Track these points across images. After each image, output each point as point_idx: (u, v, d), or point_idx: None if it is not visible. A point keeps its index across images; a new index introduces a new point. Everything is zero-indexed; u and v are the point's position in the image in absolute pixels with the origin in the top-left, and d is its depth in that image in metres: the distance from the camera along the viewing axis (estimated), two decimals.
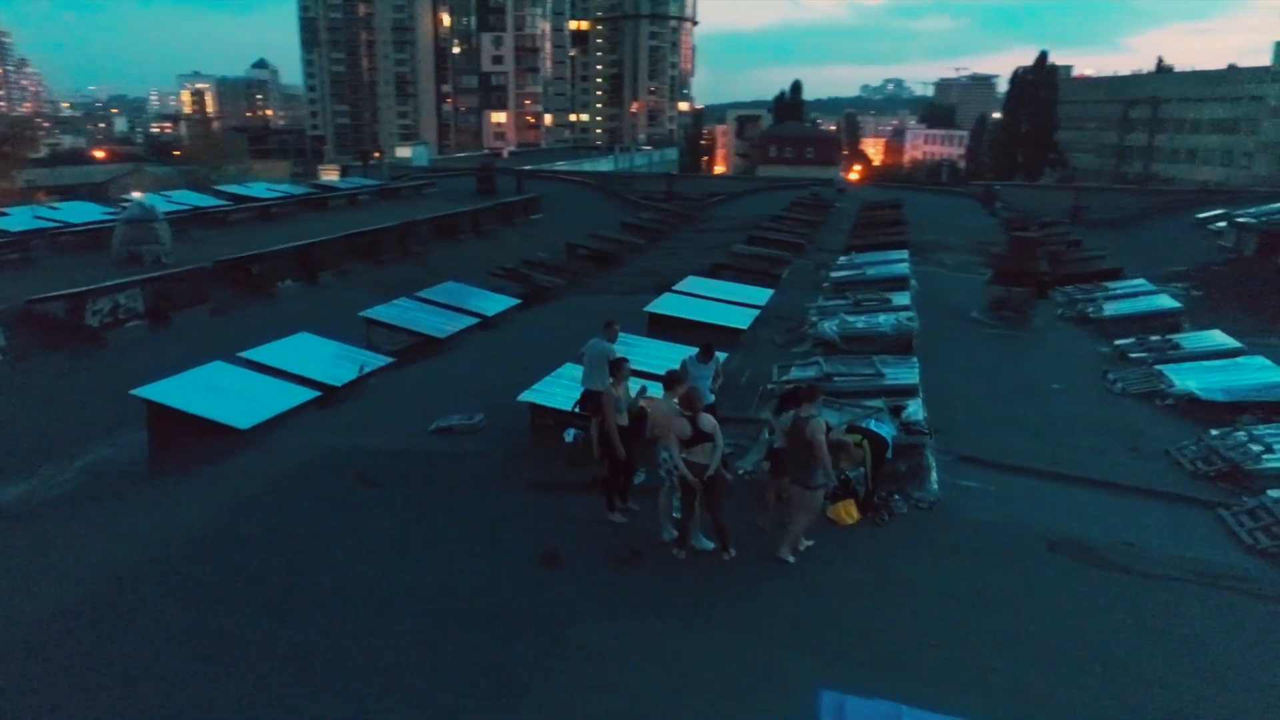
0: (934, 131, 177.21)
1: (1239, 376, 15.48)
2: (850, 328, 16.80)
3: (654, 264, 28.85)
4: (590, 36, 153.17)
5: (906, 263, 23.94)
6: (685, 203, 46.63)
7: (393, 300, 20.75)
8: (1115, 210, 49.14)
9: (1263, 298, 29.17)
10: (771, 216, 34.60)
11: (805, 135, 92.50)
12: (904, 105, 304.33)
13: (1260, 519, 10.72)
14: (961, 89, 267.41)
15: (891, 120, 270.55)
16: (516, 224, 41.24)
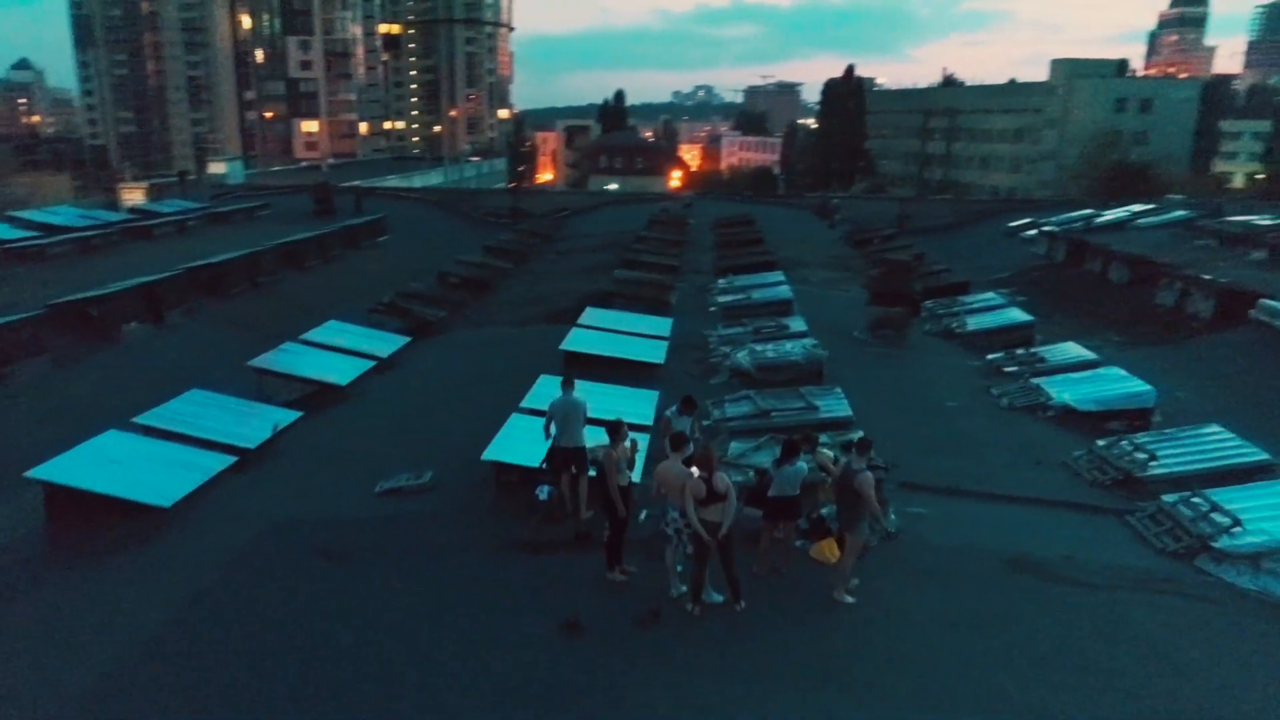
0: (749, 138, 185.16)
1: (1105, 387, 17.58)
2: (763, 358, 17.72)
3: (532, 290, 28.92)
4: (403, 41, 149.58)
5: (787, 285, 25.30)
6: (535, 220, 46.75)
7: (281, 345, 19.89)
8: (934, 218, 53.49)
9: (1078, 302, 32.88)
10: (635, 237, 35.41)
11: (635, 145, 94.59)
12: (716, 111, 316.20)
13: (1162, 523, 12.36)
14: (770, 96, 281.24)
15: (705, 126, 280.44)
16: (364, 248, 40.03)
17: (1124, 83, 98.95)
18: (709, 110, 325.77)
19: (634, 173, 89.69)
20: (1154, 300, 30.71)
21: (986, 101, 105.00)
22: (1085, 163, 79.39)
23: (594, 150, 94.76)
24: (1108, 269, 34.81)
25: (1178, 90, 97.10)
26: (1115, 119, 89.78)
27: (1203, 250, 37.55)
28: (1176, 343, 27.16)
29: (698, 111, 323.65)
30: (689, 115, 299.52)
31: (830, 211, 47.00)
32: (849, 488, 9.48)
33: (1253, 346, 24.50)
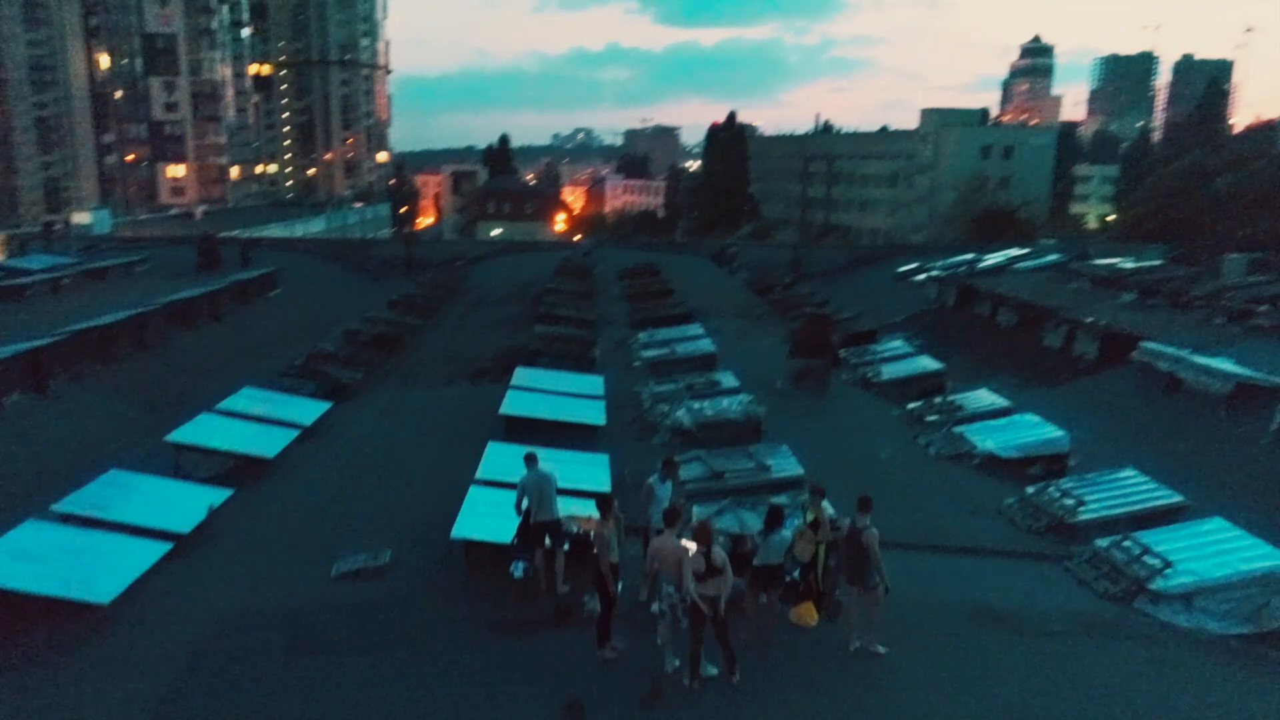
0: (633, 181, 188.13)
1: (1023, 433, 18.79)
2: (702, 416, 18.17)
3: (446, 346, 28.68)
4: (275, 82, 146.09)
5: (709, 339, 25.97)
6: (436, 270, 46.36)
7: (196, 417, 19.11)
8: (827, 263, 55.77)
9: (972, 345, 34.87)
10: (544, 289, 35.59)
11: (523, 190, 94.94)
12: (596, 153, 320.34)
13: (1099, 567, 13.31)
14: (649, 138, 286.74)
15: (586, 168, 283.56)
16: (256, 303, 38.81)
17: (987, 131, 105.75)
18: (589, 152, 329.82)
19: (522, 218, 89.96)
20: (1042, 342, 32.89)
21: (862, 147, 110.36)
22: (958, 206, 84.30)
23: (481, 195, 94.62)
24: (996, 313, 37.08)
25: (1036, 138, 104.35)
26: (981, 165, 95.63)
27: (1078, 293, 40.44)
28: (1066, 383, 29.19)
29: (578, 153, 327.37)
30: (570, 157, 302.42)
31: (729, 258, 48.36)
32: (858, 544, 9.99)
33: (1139, 387, 26.54)
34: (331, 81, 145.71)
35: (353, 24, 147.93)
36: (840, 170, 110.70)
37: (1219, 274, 44.47)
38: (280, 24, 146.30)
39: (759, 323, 33.91)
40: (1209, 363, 25.09)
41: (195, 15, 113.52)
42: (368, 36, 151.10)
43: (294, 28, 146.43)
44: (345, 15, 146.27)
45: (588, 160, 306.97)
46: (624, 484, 15.38)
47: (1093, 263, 47.16)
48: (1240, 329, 31.47)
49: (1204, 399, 24.14)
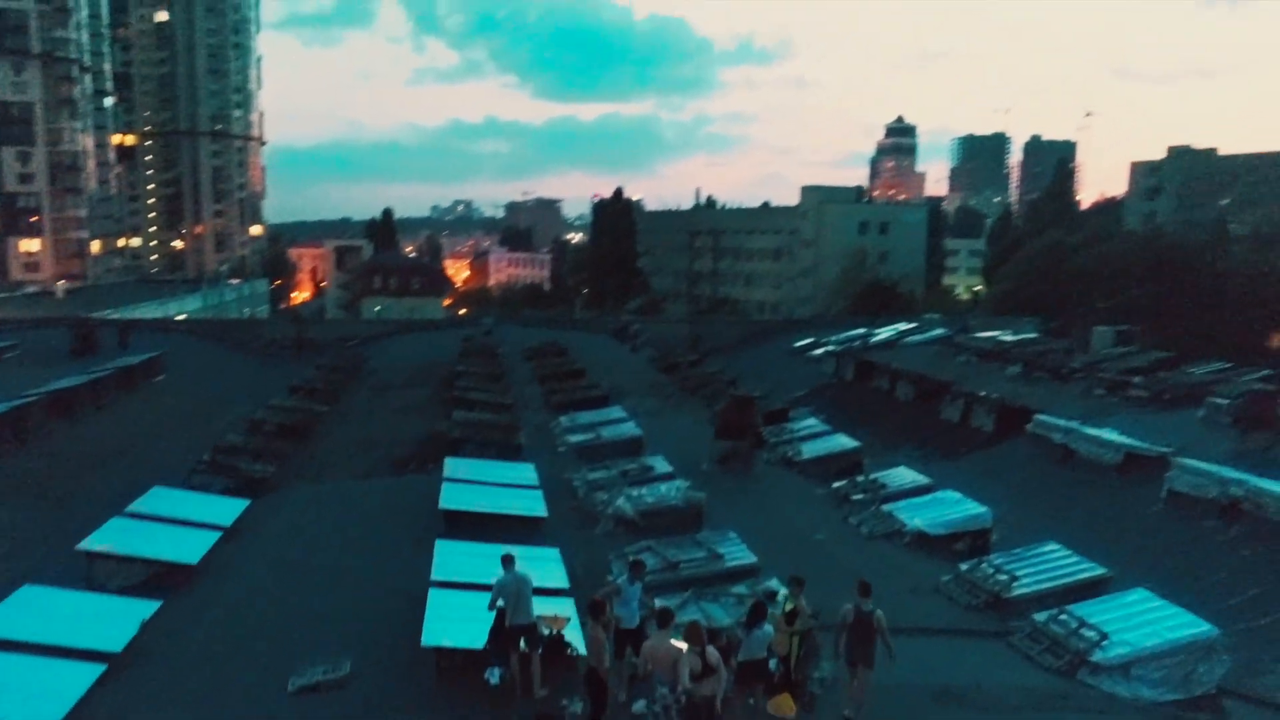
0: (517, 254, 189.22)
1: (948, 510, 19.85)
2: (643, 504, 18.49)
3: (359, 434, 28.14)
4: (139, 152, 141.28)
5: (632, 422, 26.39)
6: (336, 353, 45.39)
7: (108, 522, 18.17)
8: (723, 337, 57.40)
9: (873, 418, 36.42)
10: (453, 371, 35.41)
11: (410, 265, 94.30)
12: (477, 225, 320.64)
13: (1040, 641, 14.19)
14: (531, 211, 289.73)
15: (467, 240, 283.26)
16: (141, 391, 37.14)
17: (864, 208, 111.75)
18: (470, 224, 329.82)
19: (409, 293, 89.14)
20: (940, 415, 34.71)
21: (746, 223, 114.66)
22: (842, 281, 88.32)
23: (367, 271, 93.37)
24: (895, 387, 38.95)
25: (909, 214, 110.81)
26: (859, 240, 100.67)
27: (966, 366, 42.94)
28: (967, 455, 30.87)
29: (458, 226, 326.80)
30: (450, 230, 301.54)
31: (631, 336, 49.20)
32: (867, 627, 10.55)
33: (1035, 457, 28.35)
34: (202, 152, 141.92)
35: (225, 94, 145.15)
36: (726, 245, 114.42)
37: (1089, 345, 48.10)
38: (147, 93, 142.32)
39: (671, 402, 34.59)
40: (1099, 434, 27.10)
41: (55, 84, 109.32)
42: (240, 107, 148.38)
43: (161, 97, 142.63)
44: (217, 85, 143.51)
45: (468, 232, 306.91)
46: (577, 580, 15.50)
47: (975, 335, 50.25)
48: (1118, 399, 34.08)
49: (1096, 468, 26.01)
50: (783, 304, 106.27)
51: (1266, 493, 20.89)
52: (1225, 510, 21.54)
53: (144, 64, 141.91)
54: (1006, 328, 54.23)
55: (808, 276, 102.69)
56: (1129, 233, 78.86)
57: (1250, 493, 21.06)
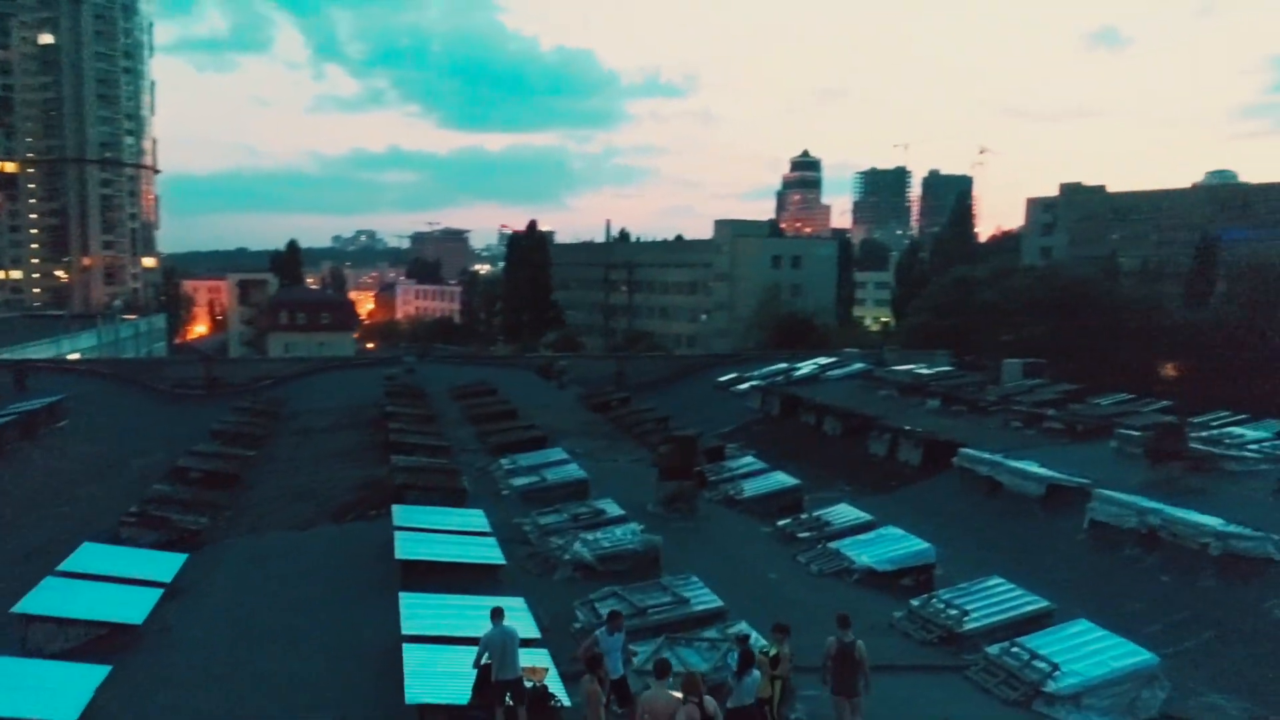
0: (425, 286, 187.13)
1: (893, 547, 20.73)
2: (601, 549, 18.80)
3: (291, 482, 27.64)
4: (20, 180, 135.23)
5: (575, 464, 26.65)
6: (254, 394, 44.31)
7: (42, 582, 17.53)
8: (648, 373, 58.14)
9: (802, 453, 37.44)
10: (382, 412, 35.05)
11: (319, 300, 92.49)
12: (381, 257, 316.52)
13: (995, 674, 15.03)
14: (438, 243, 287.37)
15: (371, 272, 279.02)
16: (43, 438, 35.70)
17: (777, 242, 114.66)
18: (374, 256, 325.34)
19: (318, 328, 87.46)
20: (868, 450, 35.95)
21: (661, 256, 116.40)
22: (759, 314, 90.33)
23: (274, 306, 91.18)
24: (822, 422, 40.15)
25: (821, 248, 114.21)
26: (773, 274, 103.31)
27: (888, 400, 44.59)
28: (897, 490, 32.08)
29: (362, 257, 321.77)
30: (353, 261, 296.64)
31: (558, 373, 49.44)
32: (850, 658, 11.12)
33: (962, 490, 29.66)
34: (90, 181, 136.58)
35: (115, 120, 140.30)
36: (641, 278, 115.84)
37: (999, 378, 50.49)
38: (30, 119, 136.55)
39: (606, 442, 34.96)
40: (1022, 466, 28.57)
41: None
42: (132, 134, 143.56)
43: (46, 123, 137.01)
44: (108, 111, 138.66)
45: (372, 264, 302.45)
46: (545, 628, 15.69)
47: (893, 369, 52.18)
48: (1035, 431, 35.98)
49: (1022, 500, 27.42)
50: (699, 336, 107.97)
51: (1180, 521, 22.42)
52: (1143, 539, 23.03)
53: (27, 88, 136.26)
54: (921, 361, 56.43)
55: (723, 309, 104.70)
56: (1030, 268, 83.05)
57: (1166, 521, 22.57)
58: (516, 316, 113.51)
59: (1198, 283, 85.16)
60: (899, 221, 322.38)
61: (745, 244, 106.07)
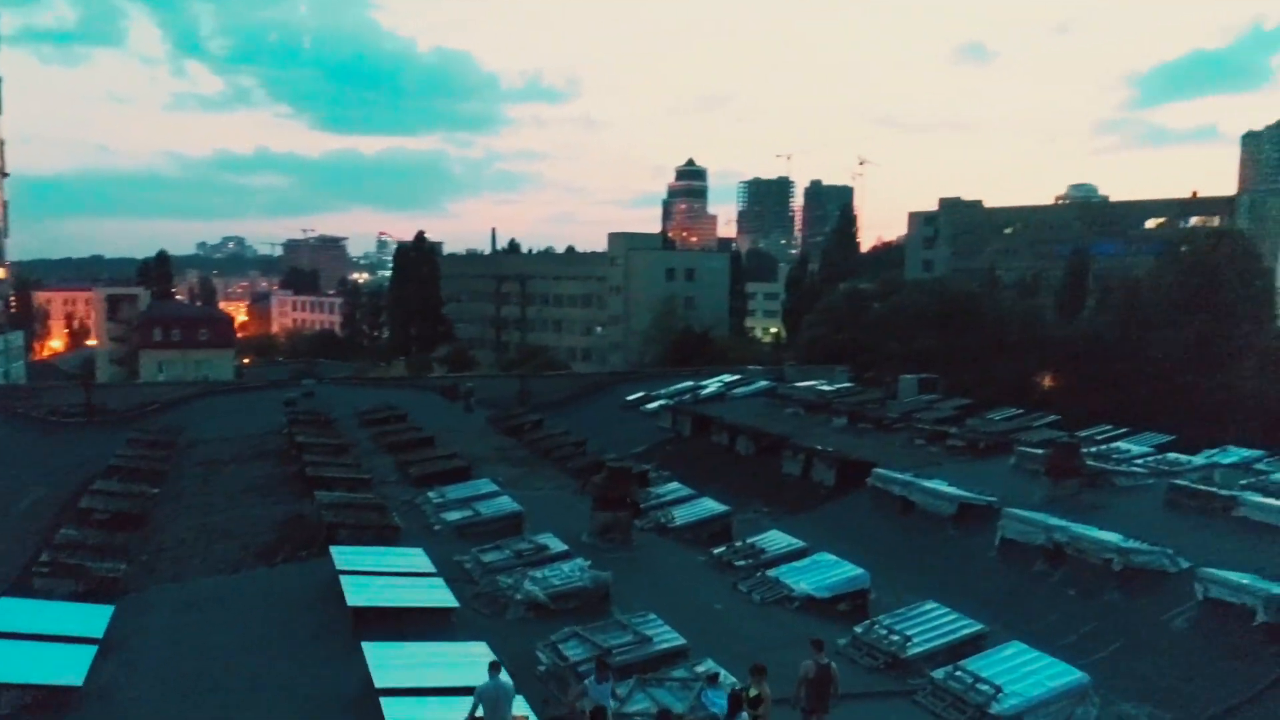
0: (303, 297, 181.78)
1: (829, 573, 21.86)
2: (552, 587, 19.25)
3: (205, 521, 26.93)
4: None
5: (506, 495, 26.91)
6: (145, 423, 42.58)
7: None
8: (553, 392, 58.45)
9: (717, 474, 38.53)
10: (294, 443, 34.37)
11: (195, 316, 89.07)
12: (251, 264, 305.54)
13: (942, 698, 16.22)
14: (313, 250, 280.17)
15: (240, 281, 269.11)
16: None
17: (671, 255, 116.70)
18: (243, 264, 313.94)
19: (195, 346, 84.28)
20: (782, 470, 37.33)
21: (554, 268, 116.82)
22: (655, 328, 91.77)
23: (146, 323, 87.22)
24: (734, 442, 41.39)
25: (713, 261, 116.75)
26: (668, 287, 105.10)
27: (795, 419, 46.21)
28: (813, 510, 33.48)
29: (230, 265, 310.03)
30: (220, 269, 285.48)
31: (464, 395, 49.28)
32: (828, 677, 12.22)
33: (877, 510, 31.24)
34: None
35: None
36: (534, 291, 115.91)
37: (897, 393, 52.98)
38: None
39: (525, 469, 35.23)
40: (934, 486, 30.34)
41: None
42: None
43: None
44: None
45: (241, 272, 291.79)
46: (534, 676, 16.01)
47: (796, 386, 54.02)
48: (938, 449, 38.03)
49: (934, 519, 29.13)
50: (594, 349, 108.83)
51: (1084, 537, 24.35)
52: (1051, 555, 24.90)
53: None
54: (821, 377, 58.57)
55: (618, 323, 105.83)
56: (918, 281, 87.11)
57: (1072, 538, 24.47)
58: (405, 330, 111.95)
59: (1070, 296, 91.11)
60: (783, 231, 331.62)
61: (639, 257, 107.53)
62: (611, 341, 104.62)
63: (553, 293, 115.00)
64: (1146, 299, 71.89)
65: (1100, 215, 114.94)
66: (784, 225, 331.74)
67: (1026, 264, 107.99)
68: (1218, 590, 20.20)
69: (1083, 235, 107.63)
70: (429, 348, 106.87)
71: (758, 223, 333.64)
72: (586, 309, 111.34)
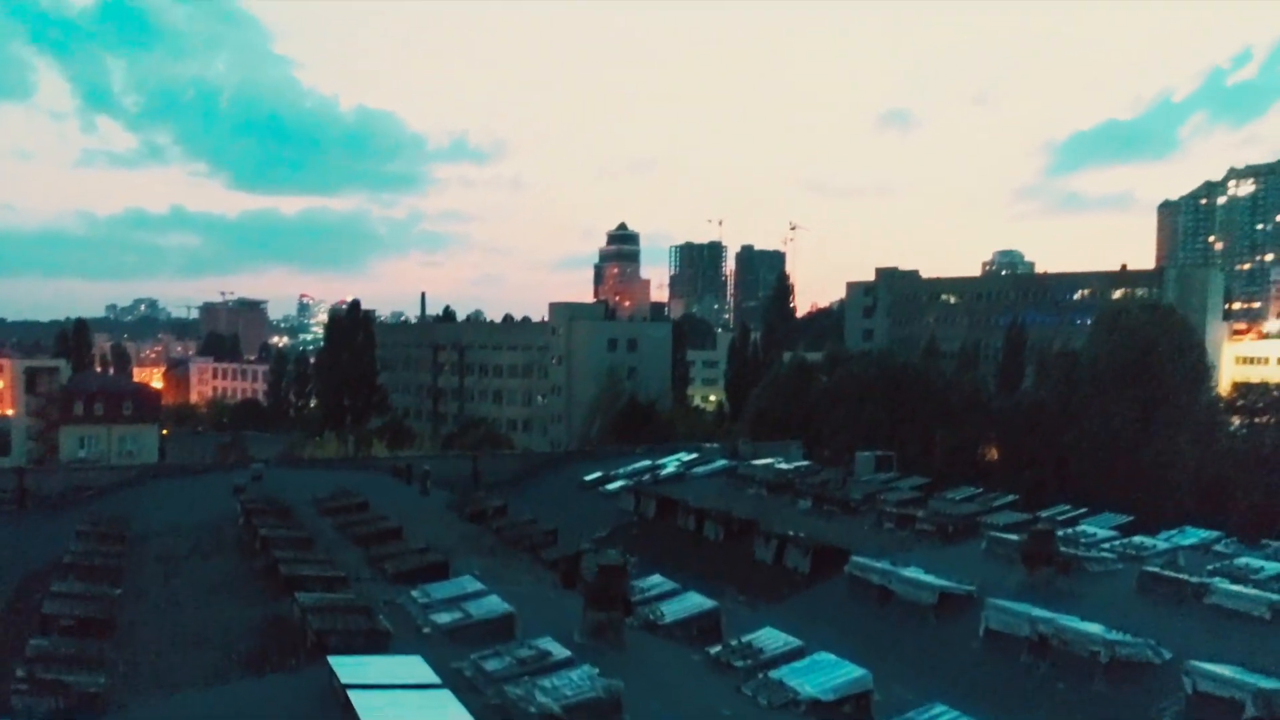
0: (224, 364, 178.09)
1: (832, 675, 22.38)
2: (565, 698, 19.36)
3: (177, 625, 26.33)
4: None
5: (495, 594, 26.87)
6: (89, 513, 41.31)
7: None
8: (505, 471, 58.54)
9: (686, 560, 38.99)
10: (260, 538, 33.76)
11: (120, 389, 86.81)
12: (164, 328, 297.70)
13: None
14: (231, 313, 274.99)
15: (153, 345, 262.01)
16: None
17: (613, 325, 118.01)
18: (155, 326, 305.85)
19: (119, 420, 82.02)
20: (753, 555, 37.98)
21: (494, 337, 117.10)
22: (601, 399, 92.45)
23: (66, 395, 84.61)
24: (702, 525, 41.97)
25: (655, 330, 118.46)
26: (610, 357, 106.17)
27: (758, 500, 47.09)
28: (789, 598, 34.13)
29: (142, 329, 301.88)
30: (130, 333, 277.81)
31: (420, 477, 49.03)
32: None
33: (855, 599, 32.02)
34: None
35: None
36: (472, 360, 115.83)
37: (854, 470, 54.41)
38: None
39: (498, 560, 35.20)
40: (913, 575, 31.26)
41: None
42: None
43: None
44: None
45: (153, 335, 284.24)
46: None
47: (753, 463, 55.00)
48: (908, 533, 39.16)
49: (915, 609, 30.00)
50: (535, 420, 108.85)
51: (1068, 629, 25.42)
52: (1036, 647, 25.88)
53: None
54: (776, 453, 59.73)
55: (560, 394, 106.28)
56: (864, 354, 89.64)
57: (1056, 630, 25.50)
58: (337, 400, 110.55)
59: (1010, 366, 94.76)
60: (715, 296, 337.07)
61: (582, 327, 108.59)
62: (554, 413, 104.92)
63: (492, 362, 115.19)
64: (1085, 371, 75.20)
65: (1033, 286, 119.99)
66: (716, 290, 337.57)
67: (964, 333, 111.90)
68: (1206, 684, 21.29)
69: (1017, 305, 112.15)
70: (363, 419, 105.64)
71: (690, 287, 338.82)
72: (527, 379, 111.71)
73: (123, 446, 78.81)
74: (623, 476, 52.42)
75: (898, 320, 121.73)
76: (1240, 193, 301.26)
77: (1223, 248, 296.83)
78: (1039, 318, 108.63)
